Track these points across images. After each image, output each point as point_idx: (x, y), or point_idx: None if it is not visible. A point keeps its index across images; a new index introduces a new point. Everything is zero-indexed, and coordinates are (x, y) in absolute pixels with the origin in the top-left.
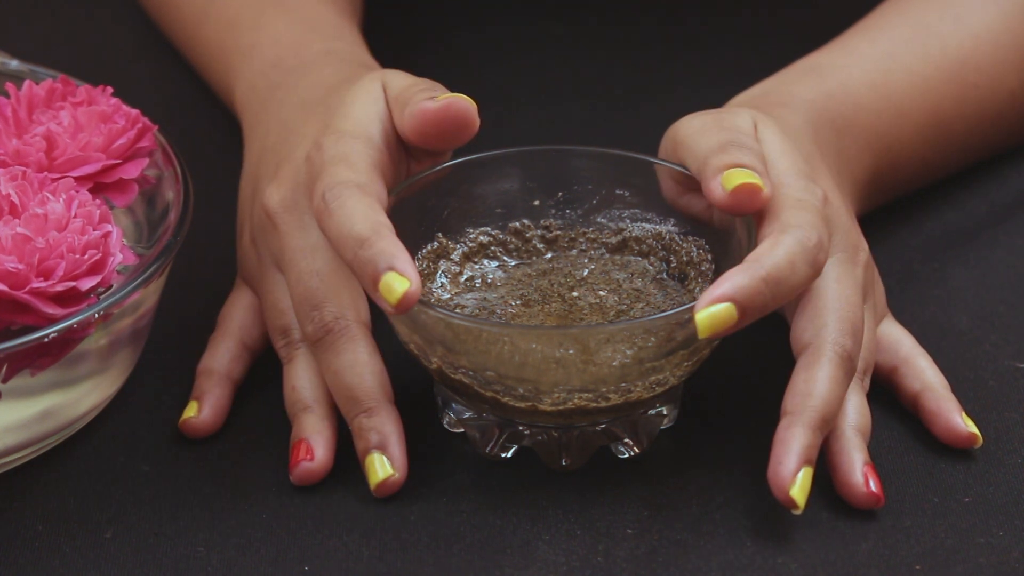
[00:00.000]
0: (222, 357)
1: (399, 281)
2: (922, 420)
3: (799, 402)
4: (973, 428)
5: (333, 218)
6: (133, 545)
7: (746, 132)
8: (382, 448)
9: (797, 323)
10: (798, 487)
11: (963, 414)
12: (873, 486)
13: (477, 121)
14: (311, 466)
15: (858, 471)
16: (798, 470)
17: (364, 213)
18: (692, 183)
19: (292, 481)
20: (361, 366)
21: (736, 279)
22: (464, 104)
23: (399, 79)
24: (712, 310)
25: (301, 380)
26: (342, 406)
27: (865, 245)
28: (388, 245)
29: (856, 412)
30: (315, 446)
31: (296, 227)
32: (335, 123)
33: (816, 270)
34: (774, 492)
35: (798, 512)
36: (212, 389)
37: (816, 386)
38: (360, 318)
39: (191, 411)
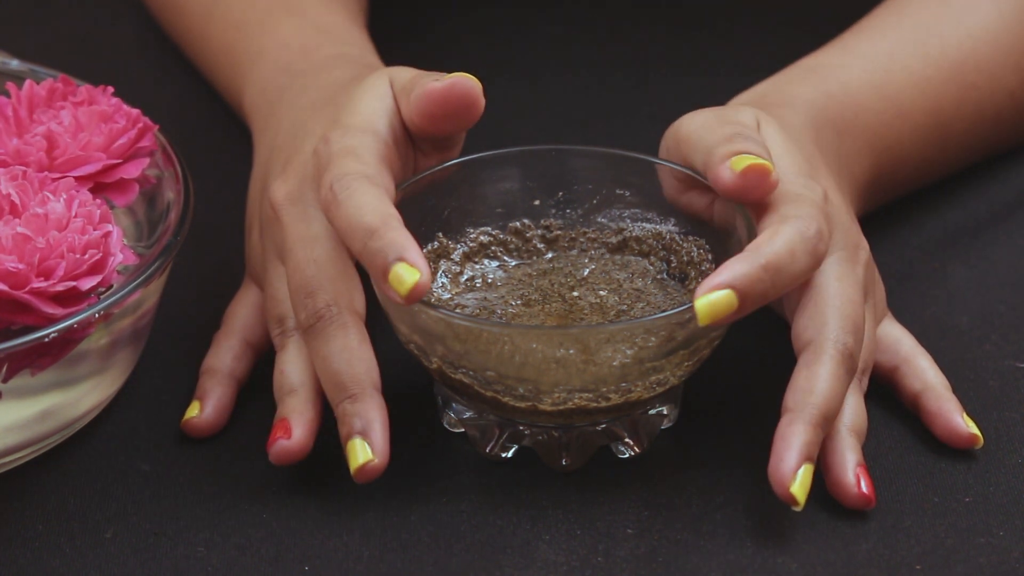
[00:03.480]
0: (225, 356)
1: (409, 272)
2: (923, 420)
3: (800, 399)
4: (974, 429)
5: (342, 208)
6: (133, 545)
7: (750, 127)
8: (364, 434)
9: (798, 321)
10: (798, 484)
11: (964, 414)
12: (864, 487)
13: (482, 100)
14: (287, 444)
15: (850, 472)
16: (798, 467)
17: (373, 204)
18: (693, 181)
19: (270, 460)
20: (349, 352)
21: (736, 267)
22: (468, 82)
23: (405, 72)
24: (711, 297)
25: (290, 365)
26: (328, 392)
27: (865, 244)
28: (398, 236)
29: (852, 412)
30: (294, 425)
31: (299, 218)
32: (342, 118)
33: (816, 260)
34: (774, 489)
35: (798, 509)
36: (214, 388)
37: (818, 383)
38: (353, 307)
39: (193, 411)
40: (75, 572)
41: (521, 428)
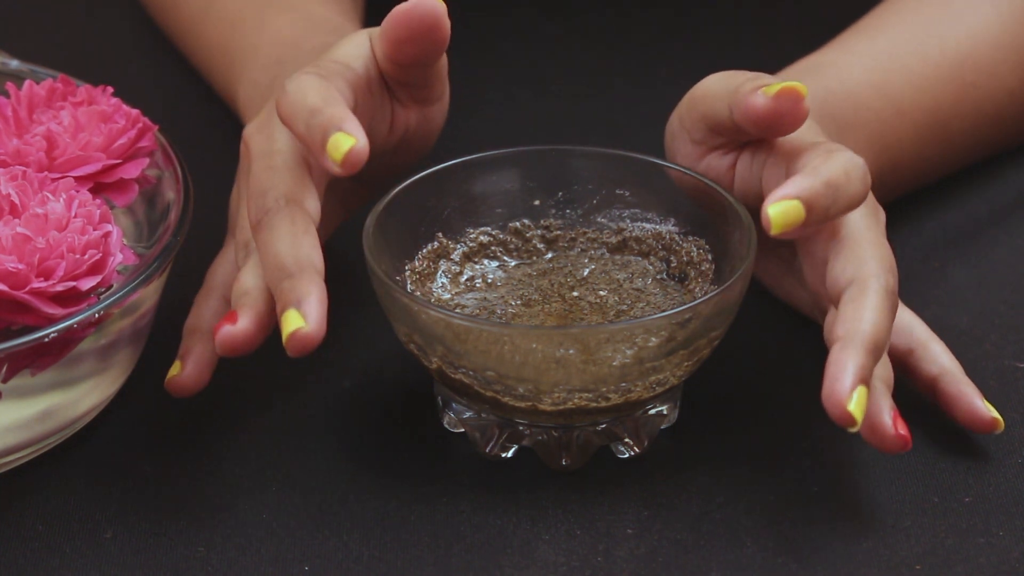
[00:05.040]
0: (206, 314)
1: (345, 139)
2: (941, 405)
3: (851, 327)
4: (995, 412)
5: (287, 97)
6: (133, 545)
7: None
8: (298, 304)
9: (834, 266)
10: (855, 403)
11: (984, 399)
12: (901, 428)
13: (446, 21)
14: (232, 329)
15: (887, 414)
16: (854, 387)
17: (317, 89)
18: (713, 142)
19: (216, 349)
20: (293, 237)
21: (801, 182)
22: (431, 2)
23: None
24: (783, 205)
25: (246, 275)
26: (269, 278)
27: (883, 211)
28: (338, 111)
29: (881, 364)
30: (241, 316)
31: (264, 140)
32: (318, 61)
33: (865, 188)
34: (830, 411)
35: (855, 429)
36: (195, 346)
37: (866, 313)
38: (303, 204)
39: (175, 369)
40: (75, 572)
41: (521, 428)
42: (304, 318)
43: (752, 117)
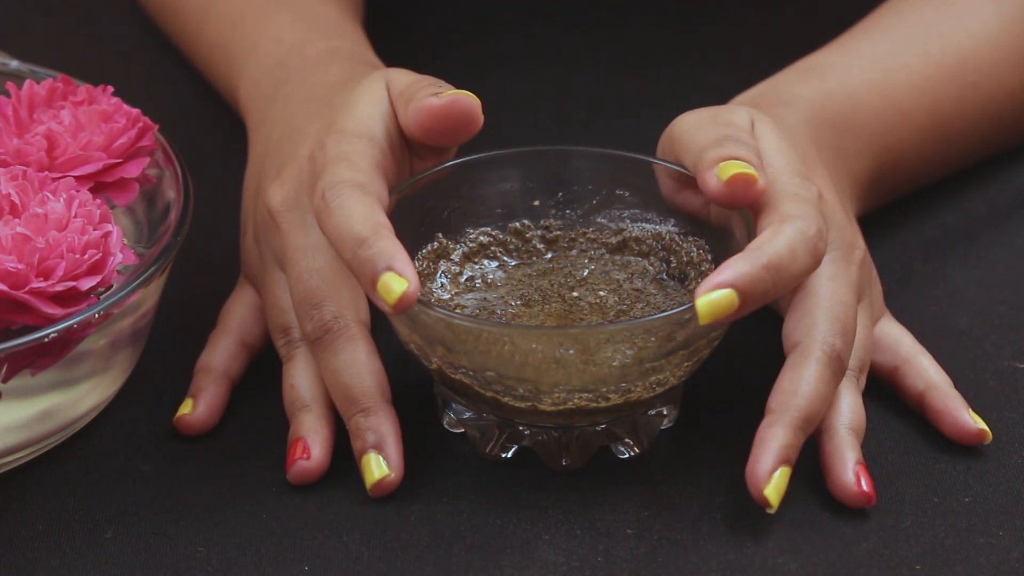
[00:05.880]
0: (220, 355)
1: (397, 281)
2: (929, 419)
3: (783, 400)
4: (982, 424)
5: (332, 217)
6: (133, 545)
7: (743, 128)
8: (379, 448)
9: (788, 322)
10: (772, 486)
11: (970, 411)
12: (865, 485)
13: (481, 117)
14: (307, 465)
15: (850, 470)
16: (774, 469)
17: (364, 213)
18: (689, 181)
19: (289, 480)
20: (359, 366)
21: (737, 266)
22: (468, 101)
23: (403, 76)
24: (712, 296)
25: (300, 379)
26: (340, 405)
27: (862, 243)
28: (387, 245)
29: (850, 410)
30: (312, 445)
31: (298, 226)
32: (339, 122)
33: (816, 259)
34: (750, 490)
35: (771, 511)
36: (208, 387)
37: (801, 385)
38: (359, 318)
39: (186, 408)
40: (75, 572)
41: (521, 428)
42: (386, 462)
43: (707, 193)
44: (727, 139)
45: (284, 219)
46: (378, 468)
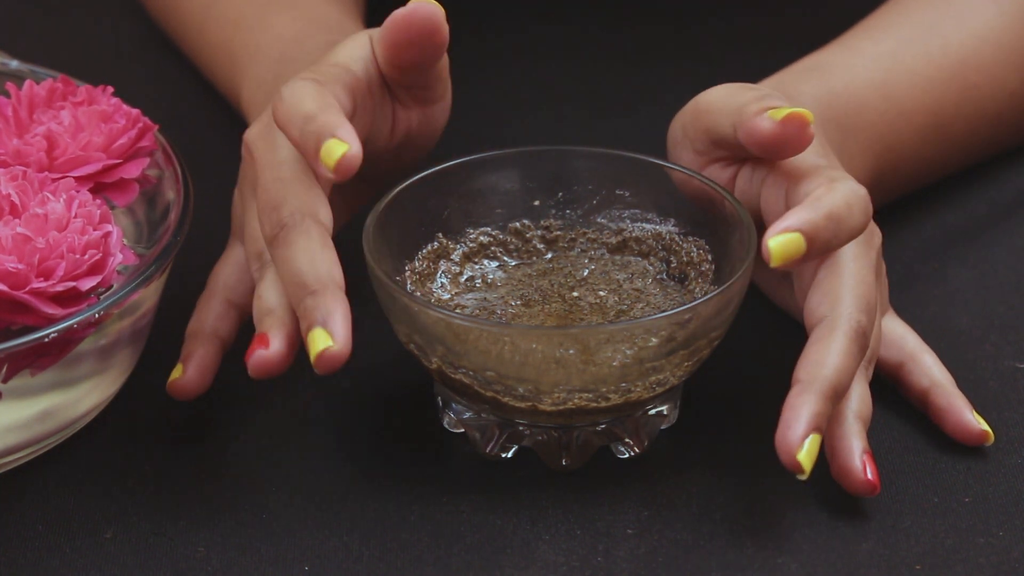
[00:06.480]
0: (207, 316)
1: (338, 145)
2: (932, 417)
3: (811, 371)
4: (984, 425)
5: (283, 103)
6: (133, 545)
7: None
8: (324, 323)
9: (812, 297)
10: (805, 452)
11: (974, 411)
12: (870, 473)
13: (445, 26)
14: (266, 353)
15: (857, 458)
16: (806, 435)
17: (314, 96)
18: (715, 152)
19: (249, 374)
20: (311, 253)
21: (802, 214)
22: (429, 7)
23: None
24: (784, 238)
25: (267, 291)
26: (291, 295)
27: (879, 232)
28: (333, 118)
29: (858, 399)
30: (272, 338)
31: (268, 148)
32: (319, 63)
33: (866, 219)
34: (781, 457)
35: (803, 477)
36: (197, 349)
37: (829, 357)
38: (317, 216)
39: (176, 373)
40: (75, 572)
41: (521, 428)
42: (331, 336)
43: (757, 140)
44: (767, 96)
45: (256, 146)
46: (322, 339)
